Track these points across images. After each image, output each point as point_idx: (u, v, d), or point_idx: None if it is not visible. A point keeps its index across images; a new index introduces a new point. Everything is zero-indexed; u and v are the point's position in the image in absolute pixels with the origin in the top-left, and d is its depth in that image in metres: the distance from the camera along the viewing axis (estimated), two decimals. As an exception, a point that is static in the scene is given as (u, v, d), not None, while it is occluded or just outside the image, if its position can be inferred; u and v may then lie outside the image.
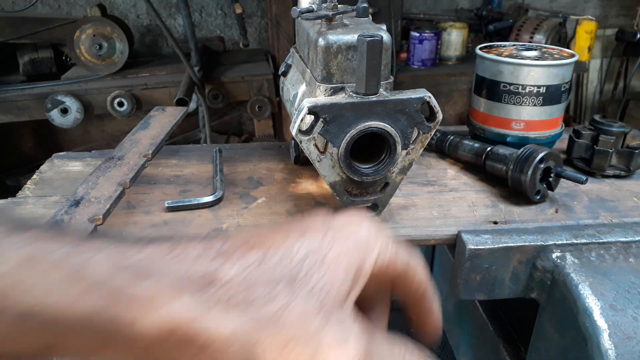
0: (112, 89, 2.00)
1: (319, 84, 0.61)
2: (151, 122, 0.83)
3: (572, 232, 0.60)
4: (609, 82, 2.98)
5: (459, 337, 0.82)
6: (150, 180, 0.73)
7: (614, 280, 0.52)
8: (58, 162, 0.79)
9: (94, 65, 2.06)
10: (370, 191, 0.60)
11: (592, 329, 0.48)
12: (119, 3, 2.42)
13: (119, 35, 2.04)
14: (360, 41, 0.51)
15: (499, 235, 0.58)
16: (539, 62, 0.71)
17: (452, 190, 0.71)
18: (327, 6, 0.62)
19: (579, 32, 2.23)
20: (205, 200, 0.66)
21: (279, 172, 0.76)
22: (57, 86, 2.01)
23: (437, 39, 2.25)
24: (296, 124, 0.52)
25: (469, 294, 0.59)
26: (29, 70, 2.13)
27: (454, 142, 0.77)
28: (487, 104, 0.76)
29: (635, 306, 0.50)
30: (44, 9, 2.38)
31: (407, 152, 0.57)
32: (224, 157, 0.80)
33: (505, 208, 0.66)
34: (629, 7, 2.91)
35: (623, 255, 0.56)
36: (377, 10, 2.16)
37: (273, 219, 0.64)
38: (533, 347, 0.60)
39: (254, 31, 2.57)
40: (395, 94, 0.54)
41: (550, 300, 0.56)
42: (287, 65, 0.78)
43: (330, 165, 0.56)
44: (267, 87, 2.15)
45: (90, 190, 0.63)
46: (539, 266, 0.57)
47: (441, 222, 0.63)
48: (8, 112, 1.98)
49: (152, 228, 0.62)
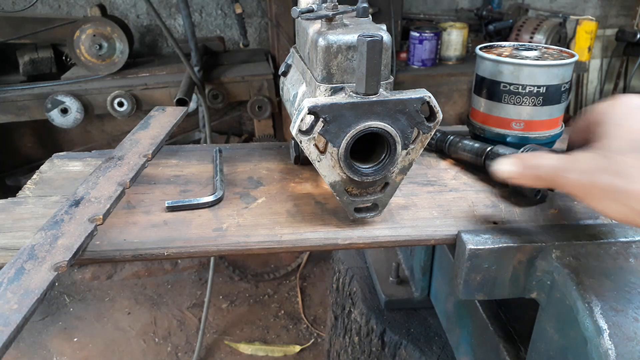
0: (112, 89, 2.00)
1: (319, 84, 0.61)
2: (151, 122, 0.83)
3: (572, 232, 0.60)
4: (609, 82, 2.98)
5: (459, 337, 0.82)
6: (150, 180, 0.74)
7: (614, 281, 0.52)
8: (58, 162, 0.79)
9: (94, 65, 2.06)
10: (370, 191, 0.60)
11: (592, 329, 0.48)
12: (119, 3, 2.42)
13: (119, 35, 2.04)
14: (360, 41, 0.51)
15: (499, 235, 0.58)
16: (539, 62, 0.71)
17: (452, 190, 0.71)
18: (327, 6, 0.62)
19: (579, 32, 2.23)
20: (205, 200, 0.66)
21: (279, 172, 0.76)
22: (57, 86, 2.01)
23: (437, 39, 2.25)
24: (296, 124, 0.52)
25: (469, 294, 0.59)
26: (29, 70, 2.13)
27: (454, 142, 0.77)
28: (487, 104, 0.76)
29: (635, 306, 0.50)
30: (44, 9, 2.38)
31: (407, 152, 0.57)
32: (224, 157, 0.80)
33: (505, 208, 0.66)
34: (629, 7, 2.91)
35: (623, 255, 0.56)
36: (377, 10, 2.16)
37: (273, 219, 0.64)
38: (533, 347, 0.60)
39: (254, 31, 2.57)
40: (395, 94, 0.54)
41: (550, 300, 0.56)
42: (287, 65, 0.78)
43: (330, 165, 0.56)
44: (267, 87, 2.15)
45: (90, 190, 0.63)
46: (539, 266, 0.57)
47: (441, 222, 0.63)
48: (8, 112, 1.98)
49: (152, 228, 0.62)
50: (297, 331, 2.12)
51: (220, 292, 2.32)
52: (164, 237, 0.60)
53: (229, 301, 2.27)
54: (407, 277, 1.04)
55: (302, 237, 0.61)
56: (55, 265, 0.49)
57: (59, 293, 2.30)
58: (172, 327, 2.14)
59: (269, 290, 2.34)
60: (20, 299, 0.44)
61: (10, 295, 0.45)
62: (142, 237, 0.60)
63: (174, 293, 2.32)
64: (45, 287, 0.46)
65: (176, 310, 2.23)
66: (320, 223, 0.63)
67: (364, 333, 1.03)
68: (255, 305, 2.25)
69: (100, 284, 2.37)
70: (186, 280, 2.40)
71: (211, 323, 2.14)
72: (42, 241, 0.52)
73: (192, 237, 0.60)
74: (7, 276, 0.47)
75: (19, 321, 0.42)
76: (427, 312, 1.00)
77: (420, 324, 0.98)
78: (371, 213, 0.61)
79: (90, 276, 2.40)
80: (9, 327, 0.41)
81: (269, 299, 2.30)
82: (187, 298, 2.29)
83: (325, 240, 0.61)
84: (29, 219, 0.64)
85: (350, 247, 0.61)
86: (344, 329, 1.13)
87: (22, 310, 0.43)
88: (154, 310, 2.22)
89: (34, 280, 0.47)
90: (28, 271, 0.48)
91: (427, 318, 0.99)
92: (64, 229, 0.55)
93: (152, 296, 2.30)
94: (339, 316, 1.17)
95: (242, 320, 2.18)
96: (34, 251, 0.51)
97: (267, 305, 2.25)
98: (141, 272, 2.41)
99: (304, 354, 2.02)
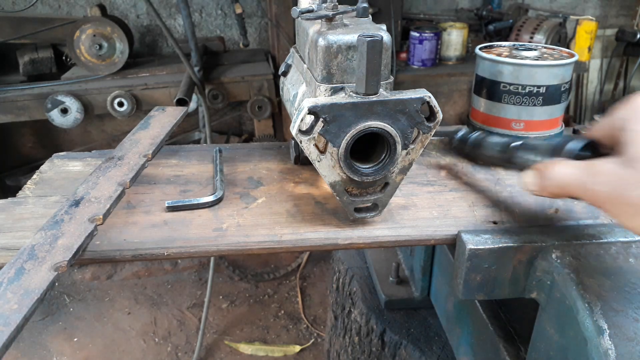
0: (112, 89, 2.00)
1: (319, 84, 0.61)
2: (151, 122, 0.83)
3: (572, 232, 0.60)
4: (609, 82, 2.98)
5: (459, 337, 0.82)
6: (150, 180, 0.74)
7: (614, 281, 0.52)
8: (58, 162, 0.79)
9: (94, 65, 2.06)
10: (370, 191, 0.60)
11: (592, 329, 0.48)
12: (119, 3, 2.42)
13: (119, 35, 2.04)
14: (360, 41, 0.51)
15: (499, 235, 0.58)
16: (539, 62, 0.71)
17: (452, 190, 0.71)
18: (327, 6, 0.62)
19: (579, 32, 2.23)
20: (205, 200, 0.66)
21: (279, 172, 0.76)
22: (57, 86, 2.01)
23: (437, 39, 2.25)
24: (296, 124, 0.52)
25: (469, 294, 0.59)
26: (29, 70, 2.13)
27: (479, 138, 0.73)
28: (487, 104, 0.76)
29: (635, 307, 0.50)
30: (44, 9, 2.38)
31: (407, 152, 0.57)
32: (224, 157, 0.80)
33: (505, 208, 0.66)
34: (629, 7, 2.91)
35: (623, 256, 0.56)
36: (377, 10, 2.16)
37: (273, 219, 0.64)
38: (533, 347, 0.60)
39: (254, 31, 2.57)
40: (395, 94, 0.54)
41: (550, 300, 0.56)
42: (287, 65, 0.78)
43: (330, 165, 0.56)
44: (267, 87, 2.15)
45: (90, 190, 0.63)
46: (539, 266, 0.57)
47: (441, 222, 0.63)
48: (8, 112, 1.98)
49: (152, 228, 0.62)
50: (297, 331, 2.12)
51: (220, 292, 2.32)
52: (164, 237, 0.60)
53: (229, 301, 2.27)
54: (407, 277, 1.04)
55: (302, 237, 0.61)
56: (55, 265, 0.49)
57: (59, 293, 2.30)
58: (172, 327, 2.14)
59: (269, 290, 2.34)
60: (20, 299, 0.44)
61: (10, 295, 0.45)
62: (142, 237, 0.60)
63: (174, 293, 2.32)
64: (45, 287, 0.46)
65: (176, 310, 2.23)
66: (320, 223, 0.63)
67: (364, 333, 1.03)
68: (255, 305, 2.25)
69: (100, 284, 2.38)
70: (186, 280, 2.40)
71: (211, 323, 2.14)
72: (42, 241, 0.52)
73: (192, 237, 0.60)
74: (7, 276, 0.47)
75: (19, 321, 0.42)
76: (427, 312, 1.00)
77: (420, 324, 0.98)
78: (371, 213, 0.61)
79: (90, 276, 2.40)
80: (9, 327, 0.41)
81: (269, 299, 2.30)
82: (187, 298, 2.29)
83: (325, 240, 0.61)
84: (29, 219, 0.64)
85: (350, 247, 0.61)
86: (344, 329, 1.13)
87: (22, 310, 0.43)
88: (154, 310, 2.22)
89: (34, 280, 0.47)
90: (28, 271, 0.48)
91: (427, 318, 0.99)
92: (64, 229, 0.55)
93: (152, 296, 2.30)
94: (339, 316, 1.17)
95: (242, 320, 2.18)
96: (34, 251, 0.51)
97: (267, 305, 2.25)
98: (141, 272, 2.41)
99: (304, 354, 2.02)
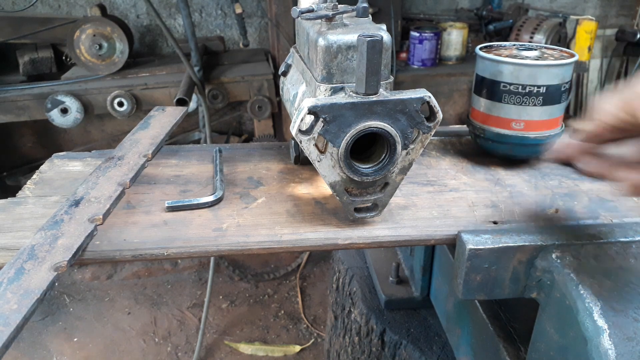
0: (112, 89, 2.00)
1: (319, 84, 0.61)
2: (151, 122, 0.83)
3: (572, 232, 0.60)
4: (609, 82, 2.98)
5: (459, 337, 0.82)
6: (150, 180, 0.74)
7: (614, 280, 0.52)
8: (58, 162, 0.79)
9: (94, 65, 2.06)
10: (370, 191, 0.60)
11: (592, 329, 0.48)
12: (119, 3, 2.42)
13: (119, 35, 2.04)
14: (360, 41, 0.51)
15: (499, 235, 0.58)
16: (539, 62, 0.71)
17: (452, 190, 0.71)
18: (327, 6, 0.62)
19: (579, 32, 2.23)
20: (205, 200, 0.66)
21: (279, 172, 0.76)
22: (57, 86, 2.01)
23: (437, 39, 2.25)
24: (296, 124, 0.52)
25: (469, 294, 0.59)
26: (29, 70, 2.13)
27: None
28: (487, 104, 0.76)
29: (635, 306, 0.50)
30: (44, 9, 2.38)
31: (407, 152, 0.57)
32: (224, 157, 0.80)
33: (505, 208, 0.66)
34: (629, 7, 2.91)
35: (623, 256, 0.56)
36: (377, 10, 2.16)
37: (273, 219, 0.64)
38: (533, 347, 0.60)
39: (254, 31, 2.57)
40: (395, 94, 0.54)
41: (550, 300, 0.56)
42: (287, 65, 0.78)
43: (330, 165, 0.56)
44: (267, 87, 2.15)
45: (90, 190, 0.63)
46: (539, 266, 0.57)
47: (441, 222, 0.63)
48: (8, 112, 1.98)
49: (152, 228, 0.62)
50: (297, 331, 2.12)
51: (220, 292, 2.32)
52: (164, 237, 0.60)
53: (229, 301, 2.27)
54: (407, 277, 1.04)
55: (302, 237, 0.61)
56: (55, 265, 0.49)
57: (59, 293, 2.30)
58: (172, 327, 2.14)
59: (269, 290, 2.34)
60: (20, 299, 0.44)
61: (10, 295, 0.45)
62: (142, 237, 0.60)
63: (174, 293, 2.32)
64: (45, 287, 0.46)
65: (176, 310, 2.23)
66: (320, 223, 0.63)
67: (363, 333, 1.03)
68: (255, 305, 2.25)
69: (100, 284, 2.37)
70: (186, 280, 2.40)
71: (211, 323, 2.14)
72: (42, 241, 0.52)
73: (192, 237, 0.60)
74: (7, 276, 0.47)
75: (18, 321, 0.42)
76: (427, 312, 1.00)
77: (420, 324, 0.98)
78: (371, 213, 0.61)
79: (90, 276, 2.40)
80: (9, 327, 0.41)
81: (269, 299, 2.29)
82: (187, 298, 2.29)
83: (325, 240, 0.61)
84: (29, 219, 0.64)
85: (350, 247, 0.61)
86: (344, 329, 1.13)
87: (22, 310, 0.43)
88: (154, 310, 2.22)
89: (34, 280, 0.47)
90: (28, 271, 0.48)
91: (427, 318, 0.99)
92: (64, 229, 0.55)
93: (152, 296, 2.30)
94: (338, 316, 1.17)
95: (242, 320, 2.17)
96: (34, 251, 0.51)
97: (267, 305, 2.25)
98: (141, 272, 2.41)
99: (304, 354, 2.01)
